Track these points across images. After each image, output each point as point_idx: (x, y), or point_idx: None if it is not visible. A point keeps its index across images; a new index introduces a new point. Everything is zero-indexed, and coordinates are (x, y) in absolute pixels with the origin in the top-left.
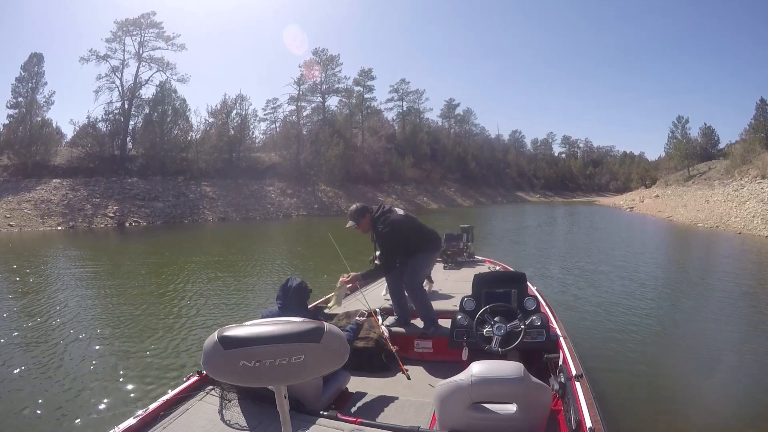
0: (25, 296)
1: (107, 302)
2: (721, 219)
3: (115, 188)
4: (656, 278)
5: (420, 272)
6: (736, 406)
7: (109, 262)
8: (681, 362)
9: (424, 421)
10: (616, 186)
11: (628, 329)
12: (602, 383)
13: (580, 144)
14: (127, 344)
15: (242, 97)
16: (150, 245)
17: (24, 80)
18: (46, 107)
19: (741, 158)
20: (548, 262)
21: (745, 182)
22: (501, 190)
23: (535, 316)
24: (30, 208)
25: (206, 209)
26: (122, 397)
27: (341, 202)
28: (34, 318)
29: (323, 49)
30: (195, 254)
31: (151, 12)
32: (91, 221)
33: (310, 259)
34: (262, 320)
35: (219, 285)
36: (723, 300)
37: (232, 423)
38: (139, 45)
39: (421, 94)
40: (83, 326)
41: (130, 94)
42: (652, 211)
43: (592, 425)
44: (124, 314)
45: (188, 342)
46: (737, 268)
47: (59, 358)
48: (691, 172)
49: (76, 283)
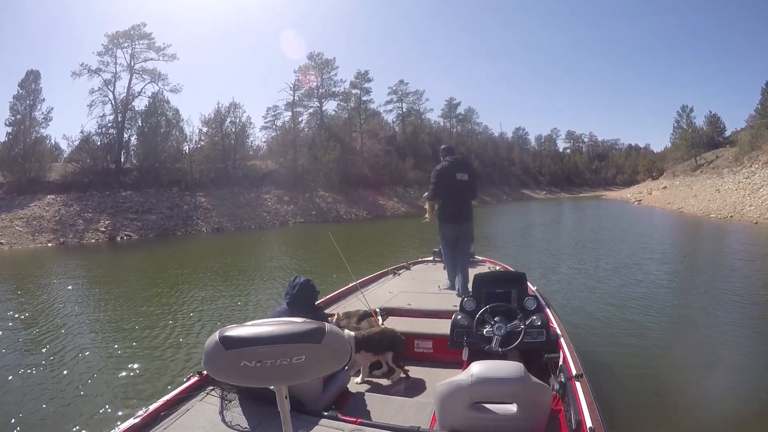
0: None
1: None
2: (735, 208)
3: (108, 202)
4: (662, 276)
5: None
6: (737, 406)
7: (60, 284)
8: (682, 362)
9: (424, 421)
10: (623, 179)
11: (629, 329)
12: (602, 383)
13: (585, 138)
14: (124, 348)
15: (236, 105)
16: (134, 260)
17: (22, 97)
18: (44, 123)
19: (749, 144)
20: (549, 262)
21: (755, 168)
22: (506, 189)
23: (535, 316)
24: (21, 225)
25: (200, 220)
26: (122, 398)
27: (340, 207)
28: (28, 330)
29: (318, 53)
30: (165, 274)
31: (141, 23)
32: (82, 236)
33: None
34: (263, 320)
35: (195, 311)
36: (730, 297)
37: (232, 423)
38: (130, 57)
39: (421, 94)
40: (77, 334)
41: (123, 107)
42: (660, 203)
43: (592, 425)
44: (110, 322)
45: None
46: (751, 263)
47: (59, 362)
48: (698, 161)
49: (58, 297)
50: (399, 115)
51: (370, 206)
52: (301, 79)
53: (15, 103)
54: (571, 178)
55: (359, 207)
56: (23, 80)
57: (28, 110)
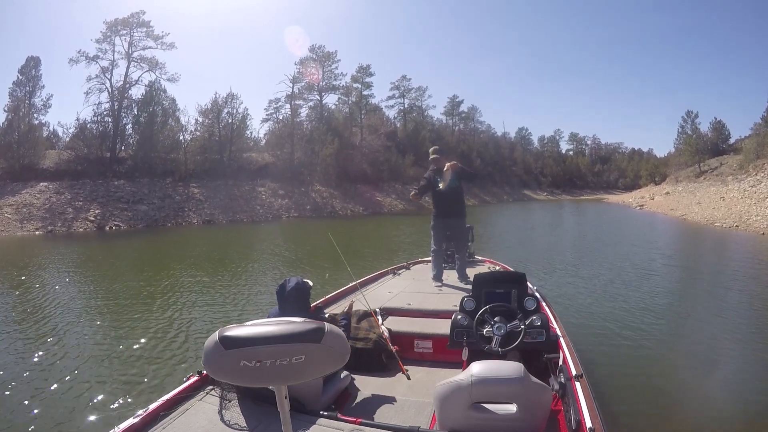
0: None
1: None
2: (741, 218)
3: (100, 191)
4: (664, 280)
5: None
6: (737, 407)
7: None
8: (682, 362)
9: (424, 421)
10: (625, 183)
11: (629, 329)
12: (602, 383)
13: (588, 141)
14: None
15: (233, 96)
16: (109, 253)
17: (21, 84)
18: (44, 110)
19: (755, 152)
20: (549, 263)
21: (761, 177)
22: (507, 189)
23: (535, 316)
24: (11, 213)
25: (191, 212)
26: (122, 398)
27: (336, 202)
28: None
29: (320, 46)
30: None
31: (140, 11)
32: (70, 225)
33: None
34: (263, 320)
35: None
36: (732, 304)
37: (232, 423)
38: (128, 44)
39: (424, 91)
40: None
41: (120, 95)
42: (663, 208)
43: (592, 425)
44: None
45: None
46: (756, 273)
47: (56, 360)
48: (702, 167)
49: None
50: (401, 111)
51: (367, 202)
52: (302, 72)
53: (14, 89)
54: (573, 180)
55: (356, 203)
56: (23, 66)
57: (27, 96)
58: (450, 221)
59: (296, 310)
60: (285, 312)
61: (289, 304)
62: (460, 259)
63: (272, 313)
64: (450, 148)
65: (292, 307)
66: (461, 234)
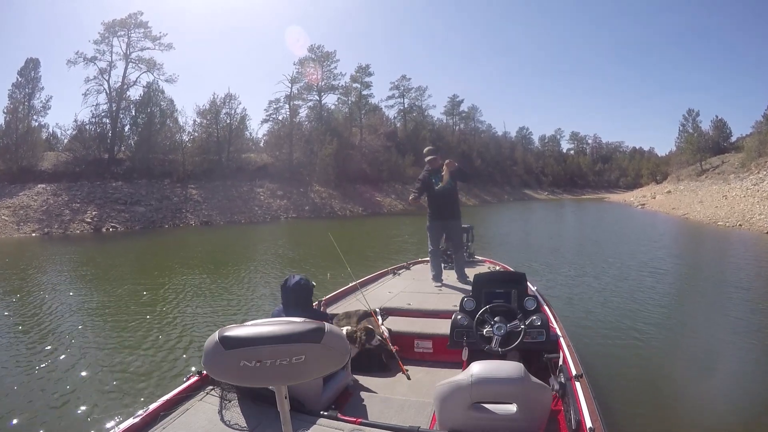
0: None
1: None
2: (744, 216)
3: (98, 192)
4: (665, 279)
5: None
6: (737, 406)
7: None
8: (682, 362)
9: (424, 421)
10: (626, 182)
11: (629, 329)
12: (602, 383)
13: (589, 140)
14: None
15: (231, 96)
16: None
17: (20, 86)
18: (43, 112)
19: (757, 150)
20: (549, 263)
21: (763, 175)
22: (507, 188)
23: (535, 316)
24: (8, 215)
25: (189, 213)
26: (122, 398)
27: (335, 203)
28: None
29: (319, 46)
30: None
31: (138, 12)
32: (67, 227)
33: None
34: (263, 320)
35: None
36: (734, 304)
37: (232, 423)
38: (126, 45)
39: (424, 90)
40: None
41: (118, 96)
42: (665, 208)
43: (592, 425)
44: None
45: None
46: (760, 273)
47: (56, 361)
48: (703, 166)
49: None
50: (400, 110)
51: (366, 202)
52: (301, 72)
53: (14, 91)
54: (574, 180)
55: (355, 203)
56: (22, 68)
57: (26, 98)
58: (447, 223)
59: (299, 306)
60: (289, 307)
61: (293, 298)
62: (458, 259)
63: (276, 312)
64: (450, 148)
65: (297, 301)
66: (457, 234)
